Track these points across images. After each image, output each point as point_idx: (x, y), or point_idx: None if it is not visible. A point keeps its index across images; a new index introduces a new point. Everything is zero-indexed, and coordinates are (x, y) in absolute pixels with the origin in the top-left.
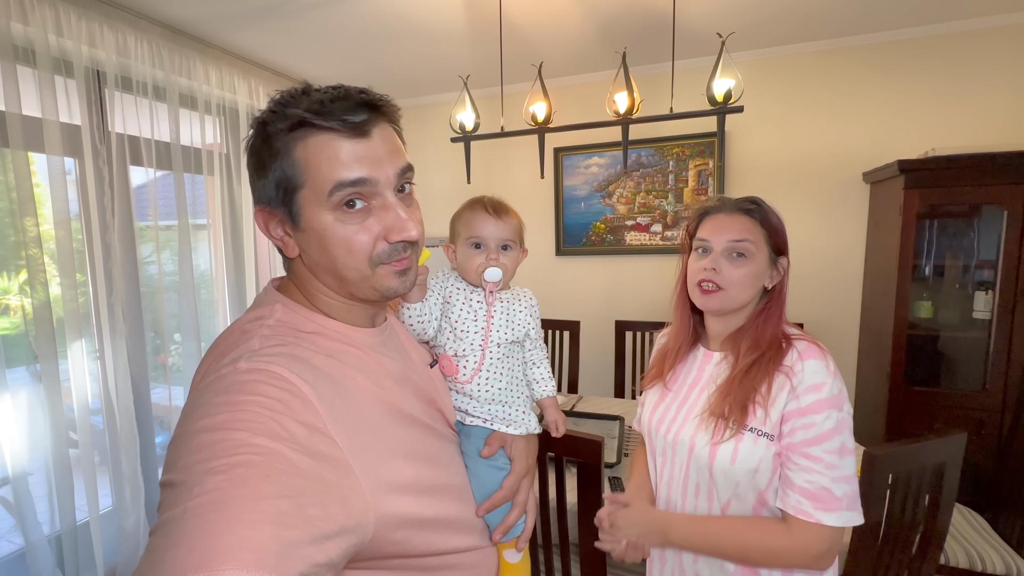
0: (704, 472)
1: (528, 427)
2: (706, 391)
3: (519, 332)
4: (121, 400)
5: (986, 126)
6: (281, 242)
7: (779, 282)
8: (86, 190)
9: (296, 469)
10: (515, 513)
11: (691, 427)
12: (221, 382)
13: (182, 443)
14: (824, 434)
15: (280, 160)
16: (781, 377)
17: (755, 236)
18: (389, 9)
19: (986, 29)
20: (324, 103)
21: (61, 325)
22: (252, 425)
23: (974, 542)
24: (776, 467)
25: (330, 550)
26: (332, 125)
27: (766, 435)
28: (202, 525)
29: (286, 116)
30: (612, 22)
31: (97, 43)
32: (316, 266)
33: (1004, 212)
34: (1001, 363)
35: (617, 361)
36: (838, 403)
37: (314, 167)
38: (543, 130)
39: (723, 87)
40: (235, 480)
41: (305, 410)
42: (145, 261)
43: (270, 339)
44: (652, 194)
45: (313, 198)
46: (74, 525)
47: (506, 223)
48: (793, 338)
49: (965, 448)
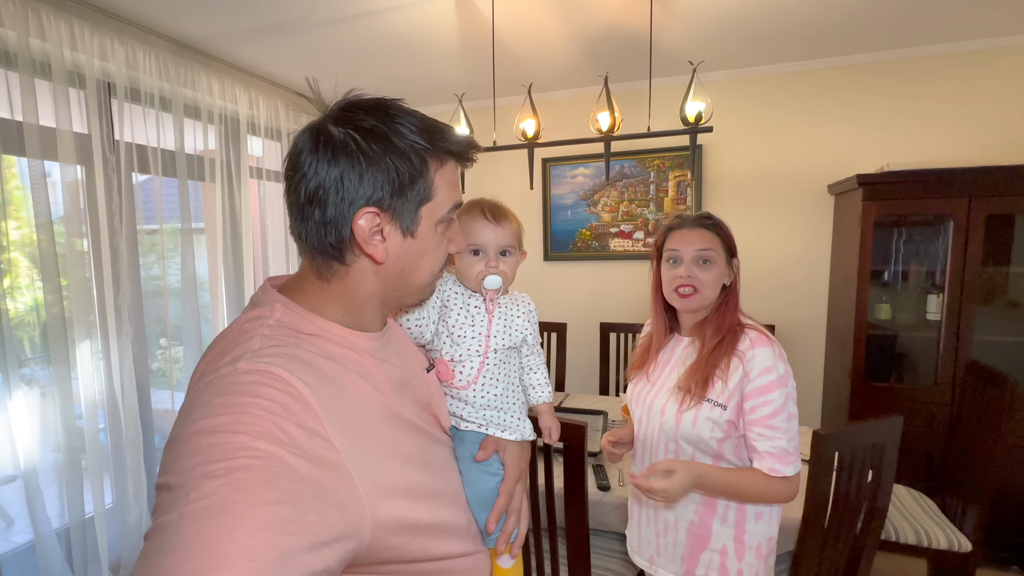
0: (672, 434)
1: (523, 433)
2: (676, 369)
3: (517, 338)
4: (127, 398)
5: (935, 143)
6: (372, 245)
7: (734, 279)
8: (95, 196)
9: (295, 474)
10: (512, 520)
11: (663, 397)
12: (221, 382)
13: (180, 445)
14: (779, 408)
15: (422, 173)
16: (735, 360)
17: (715, 245)
18: (387, 27)
19: (935, 56)
20: (466, 145)
21: (70, 325)
22: (252, 428)
23: (922, 521)
24: (729, 431)
25: (328, 557)
26: (464, 163)
27: (720, 405)
28: (199, 532)
29: (435, 143)
30: (596, 44)
31: (108, 57)
32: (395, 273)
33: (951, 222)
34: (949, 360)
35: (602, 360)
36: (785, 381)
37: (441, 187)
38: (532, 145)
39: (695, 109)
40: (234, 485)
41: (305, 413)
42: (147, 265)
43: (271, 339)
44: (635, 203)
45: (433, 212)
46: (82, 519)
47: (505, 229)
48: (746, 326)
49: (918, 439)
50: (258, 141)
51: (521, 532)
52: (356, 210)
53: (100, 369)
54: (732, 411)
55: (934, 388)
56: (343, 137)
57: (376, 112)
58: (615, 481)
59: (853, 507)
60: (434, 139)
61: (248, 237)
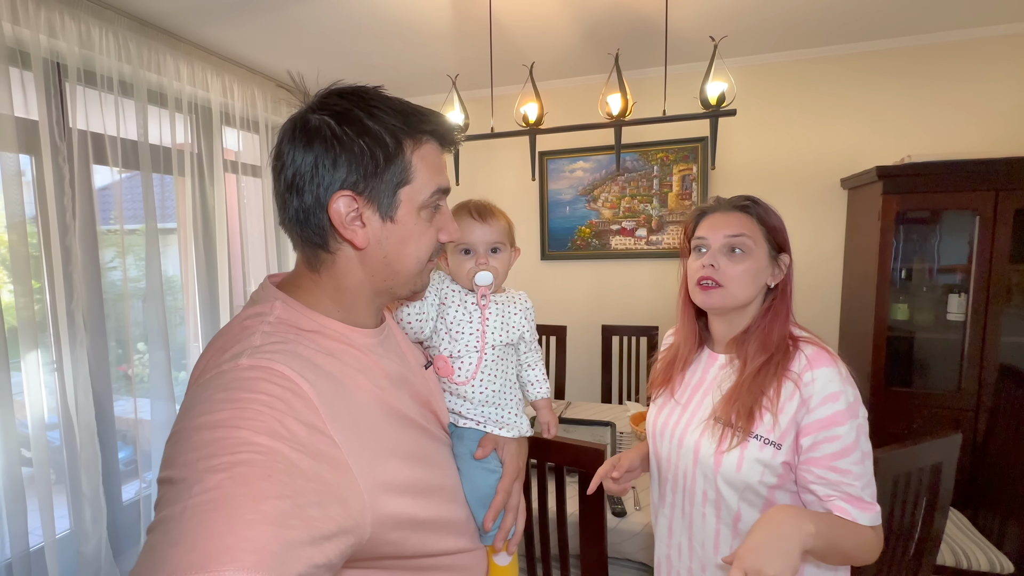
0: (711, 480)
1: (520, 429)
2: (710, 395)
3: (514, 335)
4: (81, 414)
5: (957, 134)
6: (351, 230)
7: (783, 280)
8: (44, 190)
9: (296, 469)
10: (510, 517)
11: (695, 432)
12: (223, 378)
13: (182, 439)
14: (849, 446)
15: (397, 155)
16: (789, 384)
17: (752, 231)
18: (373, 5)
19: (959, 42)
20: (447, 127)
21: (14, 334)
22: (254, 423)
23: (959, 540)
24: (784, 476)
25: (329, 551)
26: (446, 146)
27: (772, 443)
28: (202, 524)
29: (411, 124)
30: (600, 25)
31: (57, 33)
32: (379, 260)
33: (976, 217)
34: (975, 363)
35: (604, 366)
36: (855, 411)
37: (421, 169)
38: (534, 131)
39: (716, 90)
40: (236, 479)
41: (306, 409)
42: (108, 266)
43: (271, 335)
44: (637, 199)
45: (413, 195)
46: (27, 551)
47: (493, 226)
48: (800, 340)
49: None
50: (234, 133)
51: (518, 530)
52: (331, 194)
53: (53, 382)
54: (788, 451)
55: (957, 394)
56: (318, 123)
57: (352, 97)
58: (630, 505)
59: (907, 534)
60: (410, 120)
61: (223, 235)
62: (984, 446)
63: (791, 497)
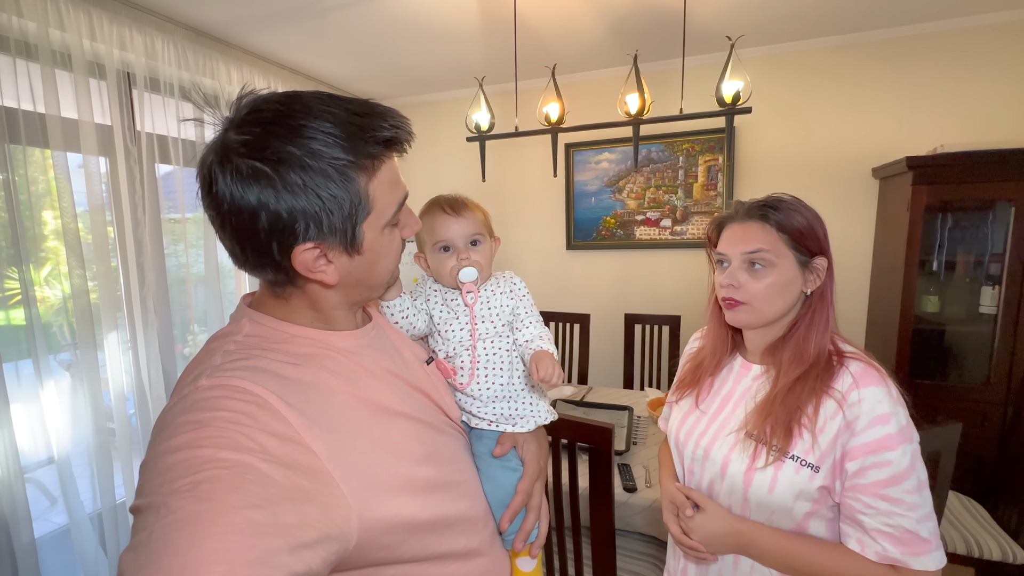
0: (738, 497)
1: (537, 419)
2: (742, 405)
3: (504, 316)
4: (154, 388)
5: (995, 122)
6: (319, 272)
7: (821, 285)
8: (118, 188)
9: (268, 479)
10: (531, 518)
11: (724, 445)
12: (184, 402)
13: (149, 467)
14: (902, 473)
15: (350, 193)
16: (831, 403)
17: (771, 243)
18: (405, 9)
19: (995, 25)
20: (395, 129)
21: (98, 315)
22: (216, 440)
23: (972, 530)
24: (821, 502)
25: (309, 559)
26: (400, 151)
27: (810, 466)
28: (168, 545)
29: (358, 151)
30: (623, 20)
31: (127, 46)
32: (352, 284)
33: (1012, 208)
34: (1005, 357)
35: (626, 353)
36: (909, 434)
37: (380, 194)
38: (556, 130)
39: (732, 89)
40: (200, 496)
41: (274, 421)
42: (169, 254)
43: (233, 354)
44: (662, 189)
45: (377, 221)
46: (114, 504)
47: (468, 219)
48: (846, 356)
49: (968, 440)
50: None
51: (542, 532)
52: (292, 249)
53: (128, 358)
54: (826, 475)
55: (986, 386)
56: (252, 170)
57: (283, 128)
58: (642, 482)
59: None
60: (356, 146)
61: None
62: (1008, 439)
63: (827, 525)
